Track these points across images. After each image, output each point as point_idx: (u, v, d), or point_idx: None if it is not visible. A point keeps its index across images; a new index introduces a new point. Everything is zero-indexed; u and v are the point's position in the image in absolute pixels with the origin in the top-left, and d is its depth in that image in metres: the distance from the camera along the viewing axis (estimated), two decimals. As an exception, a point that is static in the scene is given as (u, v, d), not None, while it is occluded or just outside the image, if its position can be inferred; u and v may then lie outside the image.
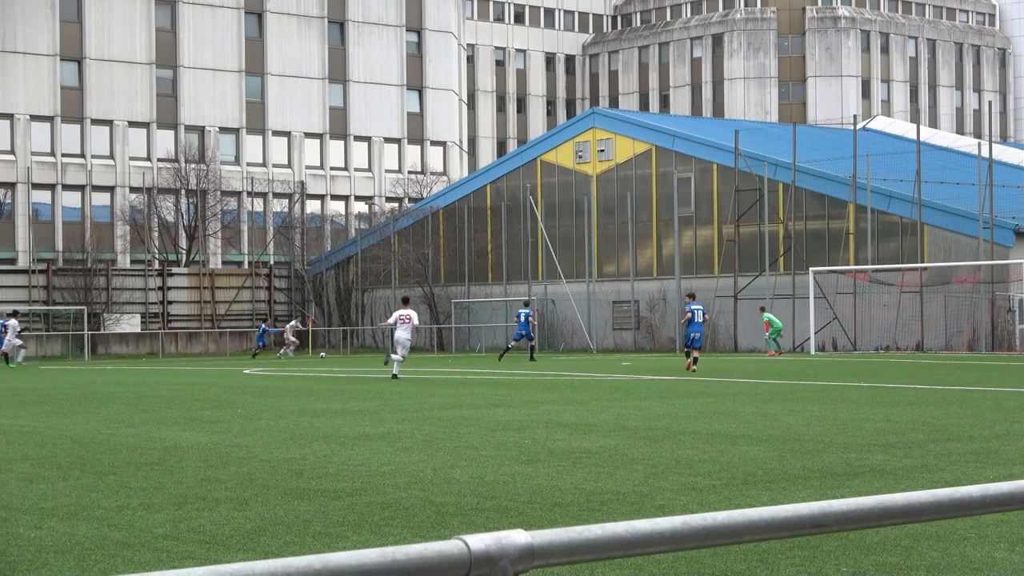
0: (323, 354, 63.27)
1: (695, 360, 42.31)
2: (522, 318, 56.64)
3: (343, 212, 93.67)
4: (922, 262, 59.91)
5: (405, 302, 40.97)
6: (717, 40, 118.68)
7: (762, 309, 59.75)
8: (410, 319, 39.52)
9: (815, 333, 60.06)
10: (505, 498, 13.32)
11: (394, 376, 38.69)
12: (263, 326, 72.12)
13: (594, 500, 13.09)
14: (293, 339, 70.17)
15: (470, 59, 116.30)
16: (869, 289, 61.09)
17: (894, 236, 61.93)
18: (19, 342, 60.19)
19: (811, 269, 60.83)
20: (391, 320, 40.21)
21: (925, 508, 4.06)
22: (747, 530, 3.65)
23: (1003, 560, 9.74)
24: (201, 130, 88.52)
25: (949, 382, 34.24)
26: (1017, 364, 45.39)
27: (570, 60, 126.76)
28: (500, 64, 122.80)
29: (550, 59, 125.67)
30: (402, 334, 39.28)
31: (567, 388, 33.83)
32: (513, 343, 57.13)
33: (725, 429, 20.62)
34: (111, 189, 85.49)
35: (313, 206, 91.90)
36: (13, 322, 59.96)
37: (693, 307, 44.16)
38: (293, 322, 72.00)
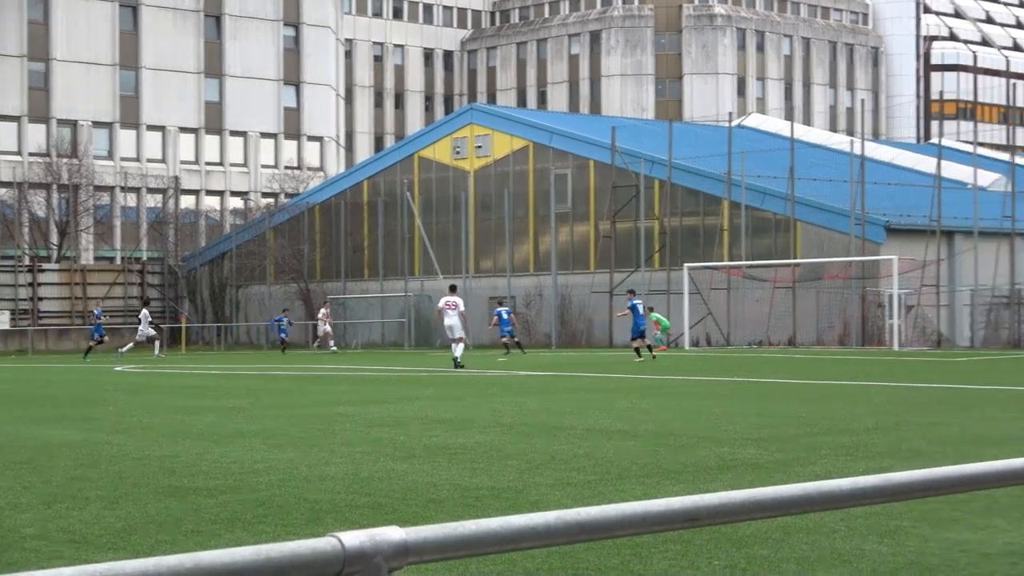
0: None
1: (648, 348, 46.45)
2: (504, 315, 56.09)
3: (218, 208, 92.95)
4: (795, 258, 60.70)
5: (452, 290, 43.49)
6: (595, 37, 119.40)
7: (650, 309, 60.11)
8: (456, 305, 41.99)
9: (689, 328, 60.62)
10: (380, 495, 13.29)
11: (455, 362, 41.51)
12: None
13: (469, 496, 13.10)
14: (327, 329, 67.66)
15: (348, 54, 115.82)
16: (743, 285, 61.80)
17: (768, 232, 62.70)
18: (151, 332, 61.12)
19: (686, 265, 61.35)
20: (439, 306, 42.92)
21: (795, 501, 4.10)
22: (620, 524, 3.67)
23: (872, 552, 9.89)
24: (74, 124, 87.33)
25: (821, 376, 34.73)
26: (887, 359, 46.17)
27: (448, 56, 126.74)
28: (378, 59, 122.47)
29: (428, 55, 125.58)
30: (449, 321, 41.88)
31: (443, 384, 33.83)
32: (507, 339, 56.42)
33: (600, 424, 20.73)
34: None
35: (188, 201, 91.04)
36: (144, 311, 61.55)
37: (635, 302, 47.21)
38: (324, 310, 68.57)
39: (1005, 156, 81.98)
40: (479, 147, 71.09)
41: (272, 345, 73.09)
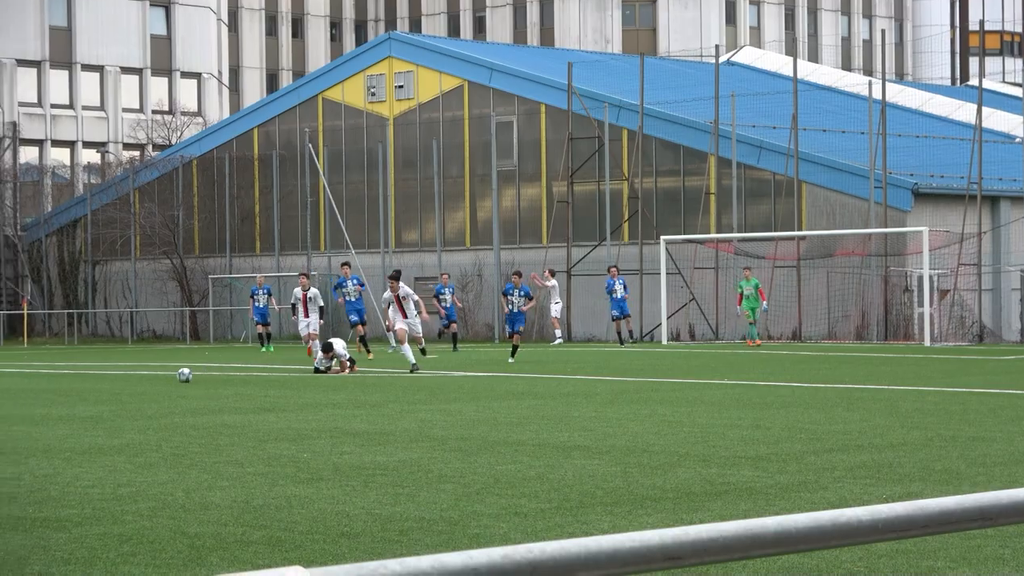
0: None
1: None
2: (447, 298, 56.11)
3: (68, 163, 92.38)
4: (800, 229, 60.82)
5: (397, 277, 41.72)
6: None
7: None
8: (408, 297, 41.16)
9: (667, 318, 60.68)
10: (278, 527, 13.30)
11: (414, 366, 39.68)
12: None
13: (391, 529, 13.13)
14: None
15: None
16: (734, 263, 61.92)
17: (765, 197, 62.85)
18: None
19: (662, 238, 61.36)
20: (387, 300, 41.62)
21: (802, 535, 4.15)
22: (583, 565, 3.70)
23: (897, 599, 9.97)
24: None
25: (833, 379, 34.89)
26: (916, 356, 46.42)
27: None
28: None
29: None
30: (411, 318, 40.92)
31: (356, 388, 33.79)
32: (444, 329, 56.53)
33: (556, 439, 20.78)
34: None
35: (29, 154, 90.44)
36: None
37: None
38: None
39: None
40: (400, 87, 70.89)
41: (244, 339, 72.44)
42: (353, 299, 46.88)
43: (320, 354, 39.73)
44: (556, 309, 60.46)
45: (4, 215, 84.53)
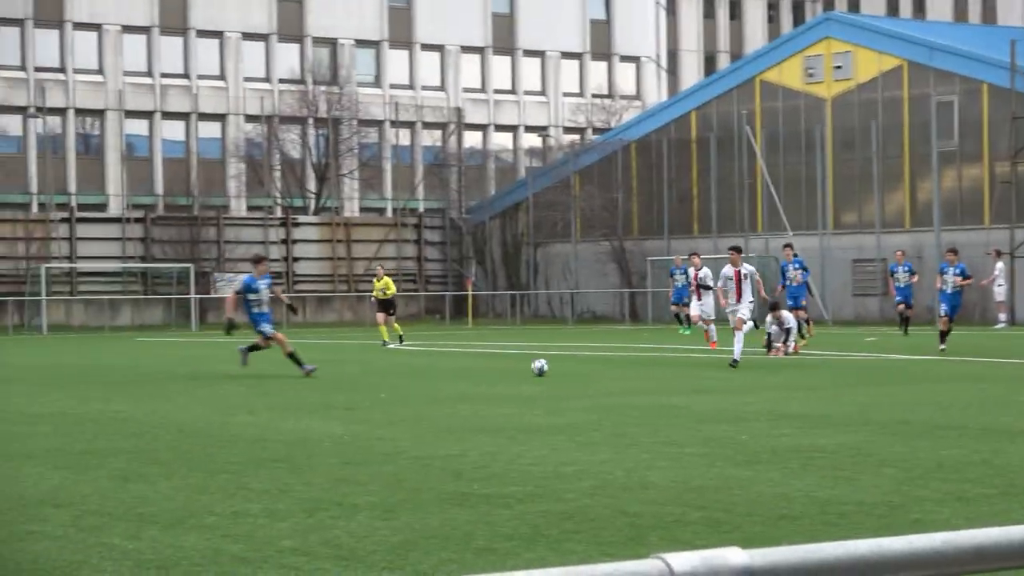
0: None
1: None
2: (901, 277, 53.69)
3: (510, 147, 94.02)
4: None
5: (738, 251, 37.42)
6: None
7: None
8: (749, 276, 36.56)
9: None
10: (716, 508, 13.34)
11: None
12: None
13: (830, 512, 13.05)
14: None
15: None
16: None
17: None
18: None
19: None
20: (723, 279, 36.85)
21: None
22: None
23: None
24: (333, 44, 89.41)
25: None
26: None
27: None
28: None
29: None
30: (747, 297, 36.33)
31: (794, 370, 33.64)
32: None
33: (1000, 423, 20.37)
34: (222, 118, 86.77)
35: (473, 139, 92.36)
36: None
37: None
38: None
39: None
40: (838, 67, 70.25)
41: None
42: (794, 284, 45.51)
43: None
44: (1000, 292, 59.10)
45: (449, 198, 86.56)
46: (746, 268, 36.02)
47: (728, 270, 36.05)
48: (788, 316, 40.80)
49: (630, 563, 3.14)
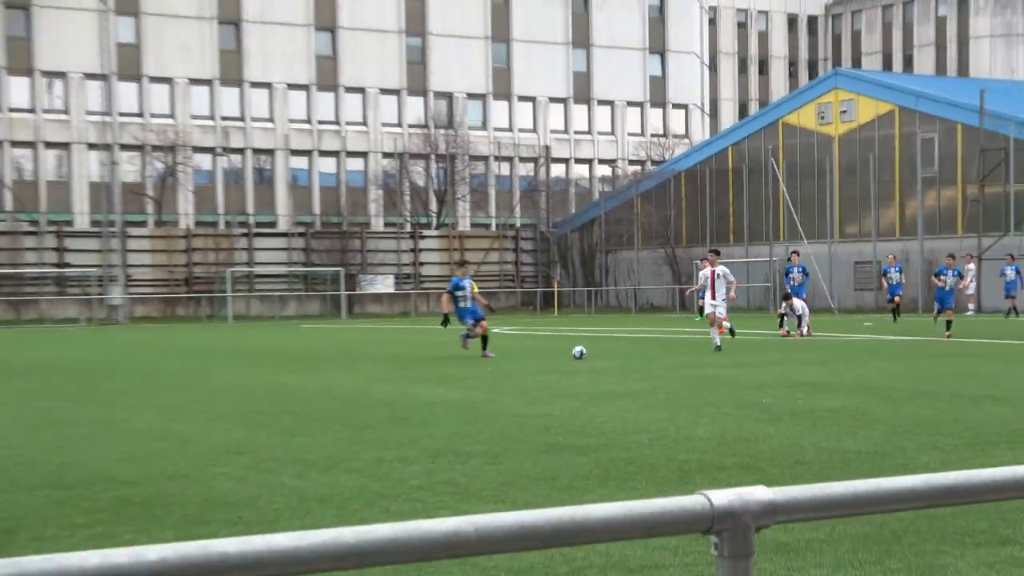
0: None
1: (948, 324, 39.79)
2: (893, 275, 50.88)
3: (587, 175, 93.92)
4: None
5: (717, 254, 34.74)
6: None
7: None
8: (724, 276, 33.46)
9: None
10: (746, 455, 13.31)
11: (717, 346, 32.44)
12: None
13: (835, 458, 13.00)
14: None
15: (712, 22, 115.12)
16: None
17: None
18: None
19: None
20: (703, 277, 34.28)
21: None
22: (989, 489, 3.62)
23: None
24: (449, 96, 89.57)
25: None
26: None
27: (812, 21, 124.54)
28: (742, 26, 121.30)
29: (792, 20, 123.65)
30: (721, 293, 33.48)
31: (808, 348, 33.45)
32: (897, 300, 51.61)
33: (968, 390, 20.19)
34: (364, 155, 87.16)
35: (558, 170, 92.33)
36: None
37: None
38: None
39: None
40: (844, 112, 69.74)
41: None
42: (796, 284, 44.93)
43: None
44: (971, 287, 58.53)
45: (539, 216, 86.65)
46: (720, 269, 33.36)
47: (705, 271, 33.74)
48: (798, 303, 40.60)
49: (679, 498, 3.16)
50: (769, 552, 8.49)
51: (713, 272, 33.14)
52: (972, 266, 57.49)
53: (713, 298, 32.95)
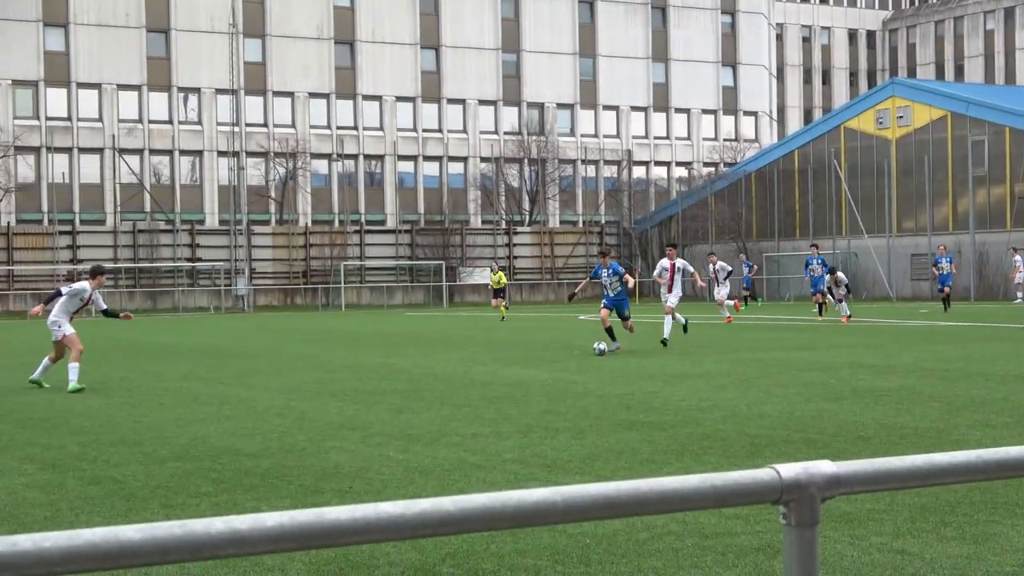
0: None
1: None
2: (944, 266, 49.07)
3: (665, 176, 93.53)
4: None
5: (673, 247, 32.56)
6: (1009, 13, 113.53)
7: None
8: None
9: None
10: (812, 431, 13.18)
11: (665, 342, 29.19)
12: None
13: (894, 434, 12.84)
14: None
15: (779, 37, 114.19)
16: None
17: None
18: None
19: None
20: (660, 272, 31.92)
21: None
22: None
23: None
24: (541, 106, 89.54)
25: None
26: None
27: (871, 35, 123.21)
28: (806, 40, 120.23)
29: (852, 35, 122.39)
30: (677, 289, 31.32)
31: (868, 333, 33.11)
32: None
33: (1017, 370, 19.88)
34: (464, 159, 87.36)
35: (639, 172, 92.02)
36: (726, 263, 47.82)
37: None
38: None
39: None
40: (900, 117, 68.91)
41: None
42: (815, 275, 43.89)
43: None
44: (1019, 276, 57.52)
45: (622, 214, 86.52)
46: (680, 263, 31.37)
47: (665, 262, 31.53)
48: (842, 276, 40.29)
49: (750, 471, 3.12)
50: (833, 521, 8.41)
51: (673, 265, 31.23)
52: (1019, 258, 56.56)
53: (670, 291, 30.78)
